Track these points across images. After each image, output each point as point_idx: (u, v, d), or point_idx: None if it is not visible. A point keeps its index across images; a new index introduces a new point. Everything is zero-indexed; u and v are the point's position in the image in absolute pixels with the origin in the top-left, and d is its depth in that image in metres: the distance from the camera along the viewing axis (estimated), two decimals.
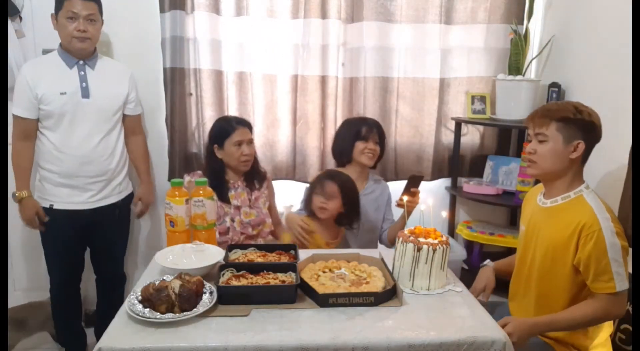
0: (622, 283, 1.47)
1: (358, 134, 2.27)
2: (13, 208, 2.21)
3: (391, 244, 2.25)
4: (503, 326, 1.41)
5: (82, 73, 2.17)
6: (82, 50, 2.15)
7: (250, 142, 2.25)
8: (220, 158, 2.23)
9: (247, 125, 2.28)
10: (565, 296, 1.57)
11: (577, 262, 1.51)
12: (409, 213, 2.02)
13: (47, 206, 2.21)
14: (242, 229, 2.22)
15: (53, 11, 2.13)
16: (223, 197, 2.19)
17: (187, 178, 2.23)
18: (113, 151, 2.26)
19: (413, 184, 2.05)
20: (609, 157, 1.64)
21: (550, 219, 1.61)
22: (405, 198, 1.89)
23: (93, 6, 2.14)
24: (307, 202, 2.16)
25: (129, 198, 2.42)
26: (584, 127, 1.54)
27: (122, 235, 2.46)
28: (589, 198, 1.55)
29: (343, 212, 2.11)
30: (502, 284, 1.81)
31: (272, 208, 2.38)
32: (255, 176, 2.30)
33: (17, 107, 2.14)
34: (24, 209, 2.20)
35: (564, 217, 1.56)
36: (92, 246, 2.39)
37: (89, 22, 2.12)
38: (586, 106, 1.58)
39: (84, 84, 2.16)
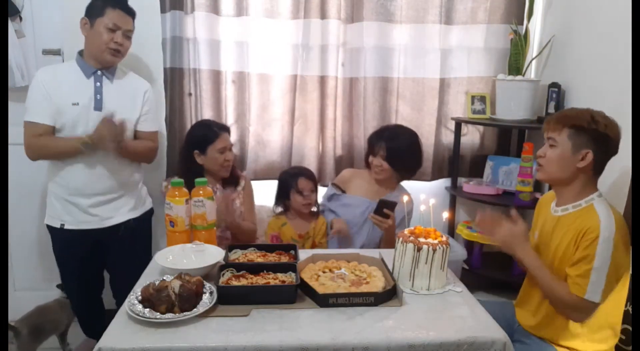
0: (593, 295, 1.46)
1: (371, 147, 2.25)
2: (13, 208, 2.20)
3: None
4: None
5: (98, 84, 2.05)
6: (111, 63, 2.06)
7: (231, 148, 2.28)
8: (200, 164, 2.23)
9: (227, 130, 2.29)
10: None
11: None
12: (386, 231, 2.09)
13: (58, 226, 2.10)
14: (221, 233, 2.21)
15: (84, 15, 2.00)
16: None
17: (164, 184, 2.27)
18: (126, 168, 2.13)
19: (386, 207, 2.01)
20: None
21: (560, 228, 1.59)
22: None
23: (132, 22, 2.08)
24: (283, 199, 2.28)
25: (148, 214, 2.30)
26: (596, 138, 1.51)
27: (140, 255, 2.16)
28: (598, 207, 1.52)
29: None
30: (508, 287, 1.80)
31: (249, 209, 2.37)
32: (232, 180, 2.32)
33: (35, 114, 1.98)
34: (100, 136, 1.93)
35: (572, 226, 1.54)
36: (109, 267, 2.30)
37: (126, 37, 2.05)
38: (606, 117, 1.53)
39: (98, 96, 2.03)
